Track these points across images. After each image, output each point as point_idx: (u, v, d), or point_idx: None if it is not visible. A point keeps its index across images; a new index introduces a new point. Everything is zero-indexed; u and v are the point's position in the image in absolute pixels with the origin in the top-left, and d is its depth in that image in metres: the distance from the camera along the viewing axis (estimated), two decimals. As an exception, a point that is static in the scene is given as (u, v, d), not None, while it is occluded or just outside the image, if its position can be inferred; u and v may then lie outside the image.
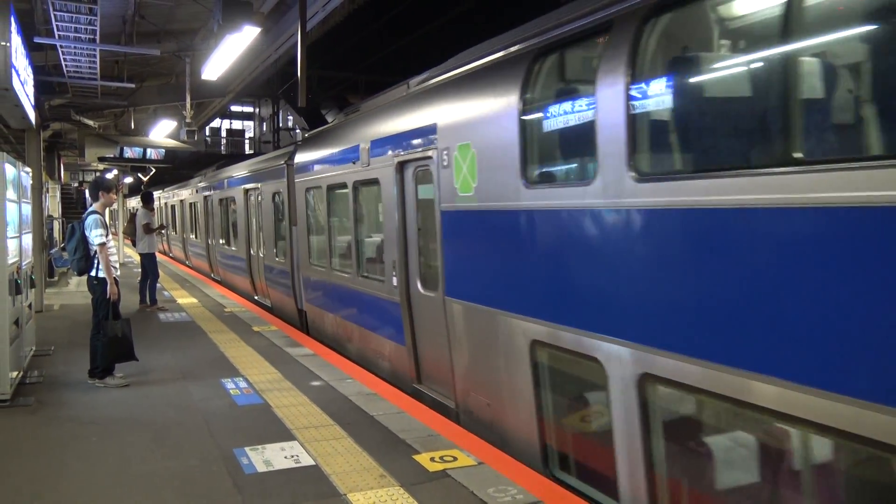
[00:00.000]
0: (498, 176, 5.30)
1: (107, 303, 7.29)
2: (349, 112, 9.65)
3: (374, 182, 7.73)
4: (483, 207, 5.53)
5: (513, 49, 5.35)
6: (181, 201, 24.46)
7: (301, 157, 10.65)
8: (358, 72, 23.75)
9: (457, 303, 6.04)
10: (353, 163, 8.16)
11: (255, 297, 13.97)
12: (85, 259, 7.34)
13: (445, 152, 6.01)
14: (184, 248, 24.28)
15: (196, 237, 21.54)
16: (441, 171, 6.09)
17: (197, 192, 20.84)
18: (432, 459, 4.94)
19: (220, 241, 17.40)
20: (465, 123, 5.83)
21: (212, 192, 18.36)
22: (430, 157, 6.36)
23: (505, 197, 5.22)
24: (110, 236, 7.60)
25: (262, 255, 13.20)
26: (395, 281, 7.15)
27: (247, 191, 14.10)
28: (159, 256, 21.97)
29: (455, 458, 4.94)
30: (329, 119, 27.23)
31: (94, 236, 7.26)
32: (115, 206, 19.20)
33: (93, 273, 7.35)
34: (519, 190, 5.04)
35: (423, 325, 6.87)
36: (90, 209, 7.53)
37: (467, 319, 5.94)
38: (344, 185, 8.63)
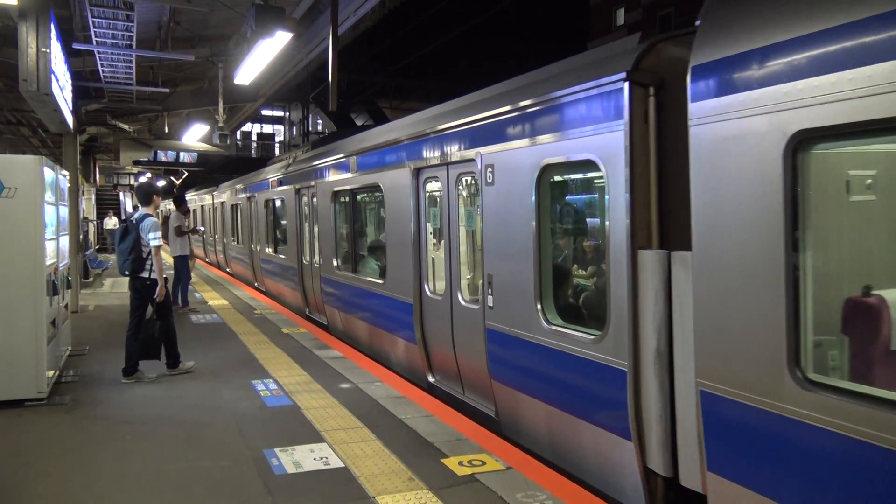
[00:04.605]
0: None
1: (163, 302, 7.65)
2: None
3: None
4: None
5: None
6: (248, 199, 16.82)
7: (757, 42, 3.31)
8: (388, 76, 23.95)
9: None
10: None
11: (431, 380, 7.38)
12: (138, 260, 7.56)
13: None
14: (253, 270, 16.90)
15: (276, 252, 14.45)
16: None
17: (281, 183, 13.68)
18: (460, 463, 4.94)
19: (344, 268, 10.15)
20: None
21: (321, 179, 10.92)
22: None
23: None
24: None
25: (472, 304, 6.43)
26: None
27: (417, 170, 7.36)
28: (217, 272, 22.16)
29: (483, 463, 4.94)
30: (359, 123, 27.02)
31: (152, 238, 7.53)
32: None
33: (144, 274, 7.60)
34: None
35: None
36: (142, 212, 7.80)
37: None
38: None
